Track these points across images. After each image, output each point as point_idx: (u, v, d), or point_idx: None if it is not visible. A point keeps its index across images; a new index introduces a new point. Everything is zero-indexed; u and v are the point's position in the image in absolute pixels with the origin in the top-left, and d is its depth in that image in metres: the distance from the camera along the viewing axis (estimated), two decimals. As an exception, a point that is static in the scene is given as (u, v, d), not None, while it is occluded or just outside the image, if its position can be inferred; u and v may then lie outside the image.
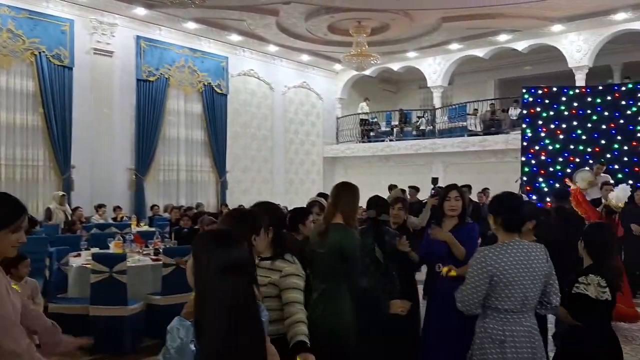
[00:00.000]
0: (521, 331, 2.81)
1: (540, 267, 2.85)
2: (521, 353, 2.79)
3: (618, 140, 10.82)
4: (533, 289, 2.82)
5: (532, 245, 2.92)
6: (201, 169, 14.97)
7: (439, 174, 15.07)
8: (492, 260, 2.80)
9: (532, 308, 2.88)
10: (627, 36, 14.29)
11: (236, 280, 1.74)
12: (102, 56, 12.68)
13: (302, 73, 18.42)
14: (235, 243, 1.80)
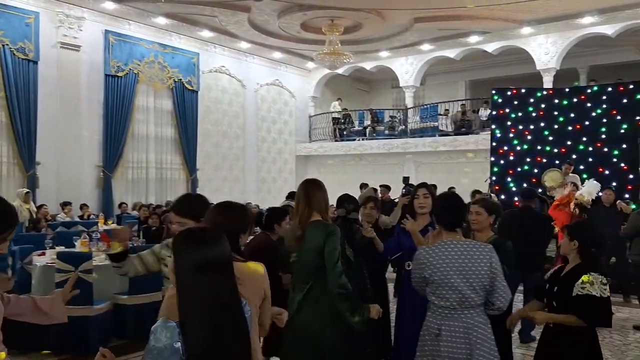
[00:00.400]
0: (458, 327, 2.83)
1: (478, 268, 2.83)
2: (455, 348, 2.82)
3: (583, 142, 11.06)
4: (469, 288, 2.82)
5: (473, 245, 2.91)
6: (171, 166, 14.77)
7: (410, 173, 15.21)
8: (425, 259, 2.90)
9: (476, 305, 2.86)
10: (594, 40, 14.60)
11: (216, 279, 1.74)
12: (69, 50, 12.39)
13: (275, 71, 18.33)
14: (213, 241, 1.79)
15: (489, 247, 2.93)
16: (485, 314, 2.93)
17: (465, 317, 2.85)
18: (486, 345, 2.86)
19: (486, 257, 2.87)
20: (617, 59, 16.29)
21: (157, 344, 1.66)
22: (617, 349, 5.82)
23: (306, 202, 3.39)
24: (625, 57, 16.03)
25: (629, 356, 5.56)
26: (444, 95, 18.67)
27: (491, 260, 2.87)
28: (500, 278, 2.88)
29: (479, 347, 2.82)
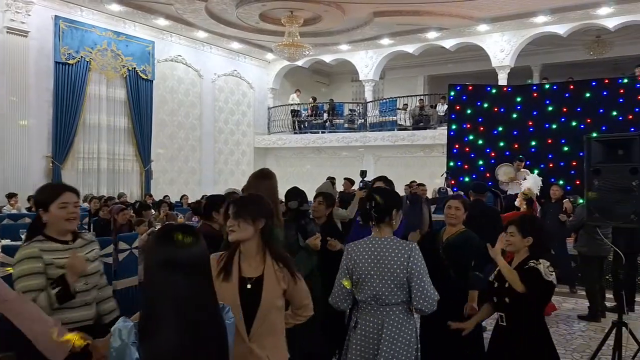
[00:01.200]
0: (371, 322, 2.83)
1: (393, 266, 2.77)
2: (365, 342, 2.83)
3: (535, 138, 11.32)
4: (384, 285, 2.78)
5: (391, 242, 2.84)
6: (124, 157, 14.42)
7: (369, 166, 15.31)
8: (349, 254, 2.89)
9: (392, 303, 2.80)
10: (546, 38, 15.00)
11: (185, 281, 1.63)
12: (16, 36, 11.92)
13: (233, 61, 18.11)
14: (185, 240, 1.67)
15: (410, 246, 2.82)
16: (408, 313, 2.86)
17: (380, 314, 2.82)
18: (397, 345, 2.79)
19: (404, 255, 2.78)
20: (568, 58, 16.85)
21: (115, 344, 1.59)
22: (562, 338, 6.00)
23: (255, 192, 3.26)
24: (576, 56, 16.57)
25: (574, 344, 5.75)
26: (403, 89, 18.84)
27: (409, 260, 2.77)
28: (418, 279, 2.77)
29: (387, 345, 2.76)
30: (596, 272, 6.83)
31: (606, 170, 4.13)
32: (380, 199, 2.89)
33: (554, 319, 6.78)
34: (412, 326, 2.88)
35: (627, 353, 4.72)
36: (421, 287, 2.77)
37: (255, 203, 2.48)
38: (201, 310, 1.66)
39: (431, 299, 2.78)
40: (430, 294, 2.78)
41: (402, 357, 2.80)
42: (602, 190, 4.14)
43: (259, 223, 2.41)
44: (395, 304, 2.81)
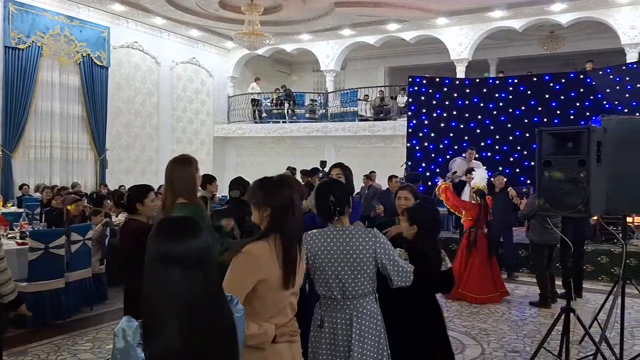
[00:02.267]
0: (340, 318, 2.73)
1: (360, 255, 2.71)
2: (336, 339, 2.73)
3: (491, 130, 11.61)
4: (353, 277, 2.70)
5: (354, 231, 2.77)
6: (78, 146, 14.04)
7: (330, 156, 15.36)
8: (308, 244, 2.74)
9: (362, 295, 2.74)
10: (503, 33, 15.33)
11: (186, 275, 1.57)
12: (-39, 18, 11.48)
13: (192, 49, 17.83)
14: (184, 233, 1.62)
15: (373, 232, 2.79)
16: (375, 303, 2.81)
17: (348, 309, 2.73)
18: (369, 338, 2.75)
19: (369, 242, 2.74)
20: (523, 52, 17.24)
21: (118, 345, 1.51)
22: (514, 323, 6.24)
23: (170, 181, 3.11)
24: (531, 50, 16.96)
25: (525, 330, 5.97)
26: (364, 80, 18.93)
27: (375, 245, 2.74)
28: (389, 258, 2.76)
29: (359, 339, 2.71)
30: (546, 260, 7.07)
31: (556, 162, 4.21)
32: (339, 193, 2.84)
33: (506, 305, 7.02)
34: (380, 315, 2.84)
35: (575, 338, 4.96)
36: (395, 266, 2.78)
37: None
38: (208, 305, 1.61)
39: (407, 273, 2.83)
40: (404, 268, 2.82)
41: (375, 349, 2.76)
42: (552, 181, 4.25)
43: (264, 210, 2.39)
44: (363, 296, 2.75)
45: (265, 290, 2.26)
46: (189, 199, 3.05)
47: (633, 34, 13.29)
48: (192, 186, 3.13)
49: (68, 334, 5.60)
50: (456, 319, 6.36)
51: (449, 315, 6.44)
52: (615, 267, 8.25)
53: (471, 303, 7.06)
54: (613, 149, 4.36)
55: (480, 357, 5.09)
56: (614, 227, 7.98)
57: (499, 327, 6.05)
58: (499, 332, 5.90)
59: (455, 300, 7.11)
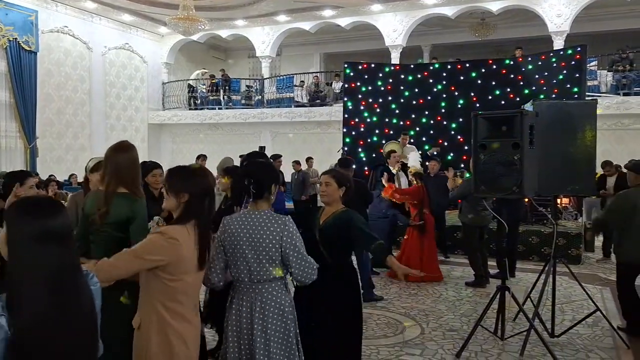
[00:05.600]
0: (244, 300, 2.74)
1: (266, 240, 2.70)
2: (240, 322, 2.74)
3: (426, 115, 11.95)
4: (258, 261, 2.70)
5: (265, 216, 2.76)
6: (6, 134, 13.49)
7: (267, 142, 15.33)
8: (224, 227, 2.78)
9: (268, 280, 2.73)
10: (436, 20, 15.74)
11: (57, 250, 1.67)
12: None
13: (125, 34, 17.31)
14: (53, 210, 1.71)
15: (284, 220, 2.77)
16: (282, 290, 2.79)
17: (253, 292, 2.73)
18: (274, 324, 2.73)
19: (277, 229, 2.72)
20: (456, 39, 17.75)
21: None
22: (451, 303, 6.43)
23: (111, 168, 2.99)
24: (463, 37, 17.43)
25: (461, 309, 6.18)
26: (300, 67, 18.98)
27: (283, 233, 2.72)
28: (294, 251, 2.72)
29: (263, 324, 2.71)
30: (477, 241, 7.23)
31: (491, 145, 4.38)
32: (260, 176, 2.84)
33: (443, 286, 7.21)
34: (286, 302, 2.78)
35: (509, 315, 5.22)
36: (298, 258, 2.73)
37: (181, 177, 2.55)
38: (71, 278, 1.72)
39: (310, 269, 2.77)
40: (308, 263, 2.76)
41: (279, 334, 2.74)
42: (488, 164, 4.39)
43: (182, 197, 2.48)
44: (268, 281, 2.73)
45: (182, 271, 2.41)
46: (131, 189, 2.99)
47: (559, 22, 13.93)
48: (136, 173, 3.06)
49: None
50: (395, 301, 6.49)
51: (389, 297, 6.61)
52: (546, 247, 8.63)
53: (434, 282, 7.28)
54: (543, 132, 4.57)
55: (420, 337, 5.20)
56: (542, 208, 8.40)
57: (437, 308, 6.21)
58: (437, 312, 6.04)
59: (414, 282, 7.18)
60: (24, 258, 1.63)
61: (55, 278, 1.65)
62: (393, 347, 4.93)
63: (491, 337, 4.97)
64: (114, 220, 2.90)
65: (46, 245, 1.64)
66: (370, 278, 6.68)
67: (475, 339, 4.85)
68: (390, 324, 5.65)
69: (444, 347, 4.94)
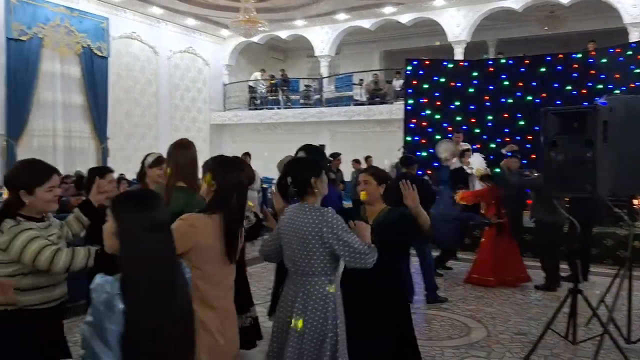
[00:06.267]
0: (291, 289, 2.79)
1: (305, 233, 2.71)
2: (282, 309, 2.82)
3: (491, 112, 11.59)
4: (300, 253, 2.73)
5: (306, 209, 2.78)
6: (80, 135, 14.17)
7: (325, 142, 15.37)
8: (284, 215, 2.89)
9: (309, 274, 2.74)
10: (502, 13, 15.27)
11: (163, 238, 1.82)
12: (-36, 11, 11.53)
13: (188, 38, 17.82)
14: (158, 202, 1.87)
15: (322, 211, 2.75)
16: (325, 286, 2.75)
17: (297, 283, 2.78)
18: (311, 316, 2.71)
19: (316, 220, 2.71)
20: (523, 33, 17.08)
21: (100, 298, 1.68)
22: (519, 307, 6.24)
23: (173, 166, 3.19)
24: (531, 31, 16.79)
25: (529, 313, 5.98)
26: (359, 65, 18.91)
27: (322, 224, 2.69)
28: (338, 239, 2.68)
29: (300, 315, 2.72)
30: (556, 242, 6.81)
31: (562, 142, 4.21)
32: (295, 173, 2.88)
33: (510, 289, 6.95)
34: (328, 300, 2.74)
35: (581, 319, 4.96)
36: (345, 246, 2.68)
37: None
38: (174, 266, 1.87)
39: (362, 253, 2.69)
40: (358, 248, 2.69)
41: (314, 329, 2.71)
42: (558, 162, 4.21)
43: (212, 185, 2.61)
44: (312, 275, 2.73)
45: (203, 260, 2.46)
46: (189, 183, 3.16)
47: (636, 12, 13.13)
48: (193, 169, 3.22)
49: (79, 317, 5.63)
50: (460, 303, 6.36)
51: (453, 300, 6.47)
52: (621, 249, 8.06)
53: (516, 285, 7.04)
54: (619, 128, 4.30)
55: (486, 340, 5.09)
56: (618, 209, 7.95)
57: (504, 311, 6.05)
58: (504, 315, 5.86)
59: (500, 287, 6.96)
60: (137, 247, 1.77)
61: (162, 265, 1.80)
62: (458, 349, 4.86)
63: (562, 342, 4.77)
64: (171, 211, 3.00)
65: (155, 234, 1.79)
66: (434, 280, 6.60)
67: (545, 343, 4.67)
68: (454, 325, 5.57)
69: (512, 351, 4.82)
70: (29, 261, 2.50)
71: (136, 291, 1.71)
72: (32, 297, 2.58)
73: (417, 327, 5.48)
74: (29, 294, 2.58)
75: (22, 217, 2.61)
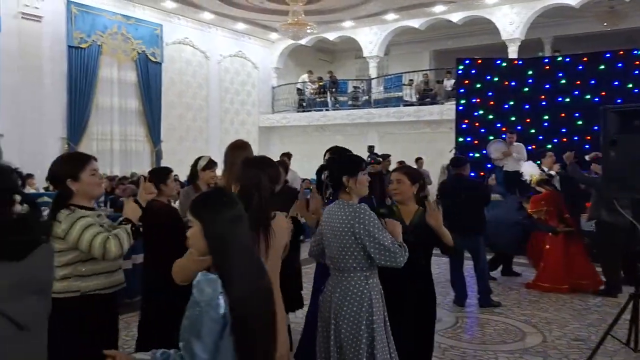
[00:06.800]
0: (331, 285, 2.87)
1: (340, 228, 2.77)
2: (323, 303, 2.89)
3: (547, 111, 11.25)
4: (336, 249, 2.80)
5: (341, 205, 2.83)
6: (136, 138, 14.66)
7: (374, 143, 15.28)
8: (324, 215, 2.96)
9: (345, 269, 2.79)
10: (557, 10, 14.80)
11: (245, 230, 1.96)
12: (31, 21, 12.14)
13: (238, 42, 18.12)
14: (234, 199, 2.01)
15: (355, 207, 2.78)
16: (361, 282, 2.79)
17: (335, 278, 2.85)
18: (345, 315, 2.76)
19: (349, 216, 2.76)
20: (580, 30, 16.39)
21: (202, 296, 1.79)
22: (577, 312, 6.05)
23: (228, 167, 3.26)
24: (588, 27, 16.10)
25: (589, 319, 5.79)
26: (408, 65, 18.70)
27: (354, 220, 2.74)
28: (368, 237, 2.71)
29: (335, 312, 2.78)
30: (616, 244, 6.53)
31: (623, 141, 4.07)
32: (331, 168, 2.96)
33: (567, 294, 6.75)
34: (364, 296, 2.77)
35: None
36: (376, 244, 2.71)
37: None
38: (257, 255, 2.05)
39: (391, 252, 2.71)
40: (388, 247, 2.71)
41: (350, 327, 2.75)
42: (618, 161, 4.10)
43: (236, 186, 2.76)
44: (348, 272, 2.78)
45: None
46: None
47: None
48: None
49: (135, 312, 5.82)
50: (515, 308, 6.22)
51: (507, 304, 6.33)
52: None
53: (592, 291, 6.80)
54: None
55: (541, 345, 4.98)
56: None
57: (560, 316, 5.88)
58: (561, 320, 5.72)
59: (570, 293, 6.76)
60: (229, 240, 1.89)
61: (250, 254, 1.97)
62: (512, 354, 4.76)
63: (623, 349, 4.58)
64: None
65: (239, 226, 1.93)
66: (488, 284, 6.47)
67: (605, 350, 4.52)
68: (509, 330, 5.46)
69: (569, 357, 4.70)
70: (85, 248, 2.64)
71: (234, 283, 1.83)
72: (91, 282, 2.71)
73: (470, 331, 5.47)
74: (89, 280, 2.71)
75: (75, 207, 2.73)
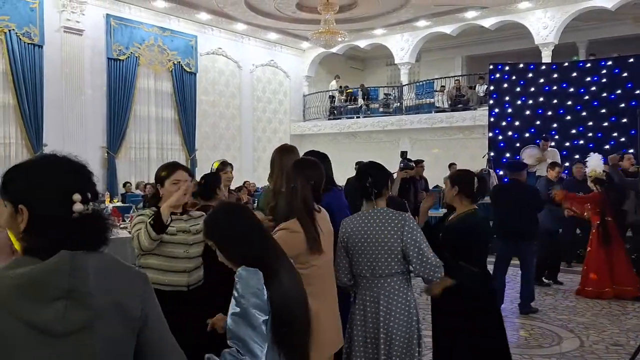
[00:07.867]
0: (369, 295, 2.85)
1: (387, 236, 2.80)
2: (364, 316, 2.87)
3: (583, 116, 11.10)
4: (379, 257, 2.81)
5: (385, 213, 2.88)
6: (171, 146, 14.99)
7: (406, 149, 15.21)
8: (343, 228, 2.95)
9: (390, 274, 2.83)
10: (592, 13, 14.49)
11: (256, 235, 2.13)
12: (72, 34, 12.55)
13: (270, 51, 18.35)
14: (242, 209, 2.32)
15: (403, 215, 2.87)
16: (404, 284, 2.88)
17: (376, 287, 2.85)
18: (396, 317, 2.82)
19: (398, 224, 2.82)
20: (616, 33, 16.02)
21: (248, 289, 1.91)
22: (615, 317, 5.99)
23: (277, 171, 3.31)
24: (624, 30, 15.78)
25: (627, 325, 5.73)
26: (440, 71, 18.66)
27: (403, 228, 2.80)
28: (415, 247, 2.79)
29: (385, 317, 2.81)
30: None
31: None
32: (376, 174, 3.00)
33: (606, 300, 6.65)
34: (409, 297, 2.88)
35: None
36: (420, 255, 2.79)
37: None
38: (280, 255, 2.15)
39: (433, 266, 2.80)
40: (431, 260, 2.80)
41: (402, 328, 2.82)
42: None
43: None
44: (390, 275, 2.83)
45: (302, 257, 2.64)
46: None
47: None
48: None
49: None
50: (550, 312, 6.19)
51: (544, 309, 6.29)
52: None
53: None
54: None
55: (579, 350, 4.94)
56: None
57: (598, 321, 5.83)
58: (599, 325, 5.67)
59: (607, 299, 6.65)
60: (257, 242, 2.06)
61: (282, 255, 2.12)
62: (549, 358, 4.75)
63: (664, 354, 4.57)
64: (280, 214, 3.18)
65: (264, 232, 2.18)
66: (533, 291, 6.36)
67: (645, 355, 4.49)
68: (545, 334, 5.44)
69: (608, 362, 4.65)
70: (135, 243, 3.00)
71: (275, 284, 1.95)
72: (154, 276, 2.93)
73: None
74: (154, 273, 2.98)
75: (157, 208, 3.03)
